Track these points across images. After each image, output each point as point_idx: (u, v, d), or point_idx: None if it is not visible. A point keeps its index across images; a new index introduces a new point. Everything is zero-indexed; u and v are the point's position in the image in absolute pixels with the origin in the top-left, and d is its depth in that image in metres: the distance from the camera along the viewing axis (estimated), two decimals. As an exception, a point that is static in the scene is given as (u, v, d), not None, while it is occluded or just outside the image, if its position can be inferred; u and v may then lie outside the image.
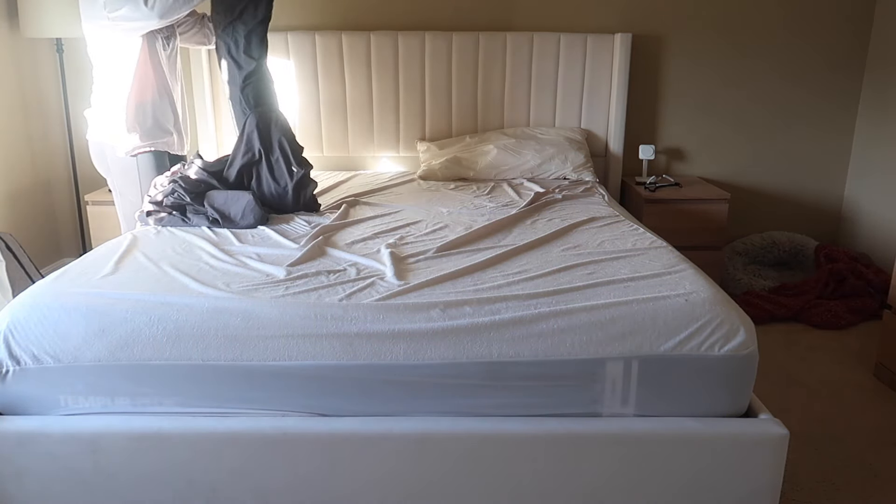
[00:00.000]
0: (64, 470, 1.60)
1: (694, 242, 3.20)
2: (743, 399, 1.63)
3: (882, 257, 3.44)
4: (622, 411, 1.61)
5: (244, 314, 1.63)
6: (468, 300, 1.67)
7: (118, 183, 2.65)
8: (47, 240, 3.57)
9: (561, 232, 2.25)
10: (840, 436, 2.25)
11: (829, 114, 3.62)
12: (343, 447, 1.57)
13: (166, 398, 1.61)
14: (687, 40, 3.51)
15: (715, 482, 1.58)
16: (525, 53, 3.38)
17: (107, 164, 2.64)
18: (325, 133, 3.47)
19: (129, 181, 2.61)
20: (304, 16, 3.43)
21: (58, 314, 1.64)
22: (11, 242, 2.80)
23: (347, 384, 1.59)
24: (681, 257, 1.96)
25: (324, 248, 2.10)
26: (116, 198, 2.70)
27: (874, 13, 3.48)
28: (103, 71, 2.53)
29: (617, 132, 3.47)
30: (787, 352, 2.86)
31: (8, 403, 1.64)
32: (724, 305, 1.64)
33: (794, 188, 3.72)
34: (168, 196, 2.38)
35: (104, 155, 2.63)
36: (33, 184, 3.46)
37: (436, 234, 2.28)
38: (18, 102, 3.35)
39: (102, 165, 2.67)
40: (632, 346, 1.58)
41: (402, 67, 3.39)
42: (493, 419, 1.59)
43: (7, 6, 3.23)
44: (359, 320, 1.61)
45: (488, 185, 3.07)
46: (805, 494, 1.96)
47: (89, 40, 2.51)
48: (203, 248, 2.10)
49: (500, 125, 3.50)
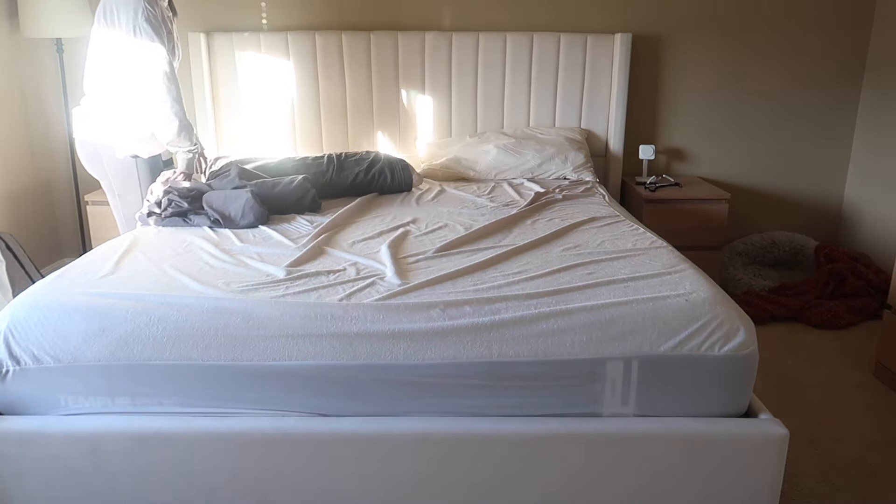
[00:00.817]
0: (64, 470, 1.60)
1: (694, 242, 3.20)
2: (743, 399, 1.63)
3: (882, 257, 3.44)
4: (622, 411, 1.61)
5: (244, 314, 1.63)
6: (468, 300, 1.67)
7: (116, 185, 2.61)
8: (47, 240, 3.57)
9: (561, 232, 2.25)
10: (840, 436, 2.25)
11: (830, 113, 3.62)
12: (343, 447, 1.57)
13: (166, 398, 1.61)
14: (687, 40, 3.51)
15: (715, 482, 1.58)
16: (525, 53, 3.38)
17: (101, 166, 2.59)
18: (325, 133, 3.47)
19: (130, 183, 2.58)
20: (304, 16, 3.43)
21: (58, 314, 1.64)
22: (11, 242, 2.80)
23: (347, 384, 1.59)
24: (681, 257, 1.96)
25: (324, 248, 2.10)
26: (114, 200, 2.66)
27: (874, 13, 3.48)
28: (108, 72, 2.50)
29: (617, 132, 3.47)
30: (787, 352, 2.86)
31: (8, 403, 1.64)
32: (724, 305, 1.64)
33: (794, 188, 3.72)
34: (167, 208, 2.37)
35: (98, 156, 2.57)
36: (33, 184, 3.46)
37: (436, 233, 2.28)
38: (18, 102, 3.35)
39: (95, 167, 2.61)
40: (632, 346, 1.58)
41: (401, 67, 3.39)
42: (493, 419, 1.59)
43: (7, 6, 3.23)
44: (359, 320, 1.61)
45: (488, 184, 3.07)
46: (805, 494, 1.95)
47: (99, 41, 2.48)
48: (203, 247, 2.10)
49: (500, 125, 3.50)
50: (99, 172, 2.63)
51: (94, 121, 2.55)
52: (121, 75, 2.48)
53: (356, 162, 2.87)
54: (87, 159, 2.62)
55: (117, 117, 2.52)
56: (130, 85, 2.48)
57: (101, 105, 2.54)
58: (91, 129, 2.56)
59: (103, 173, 2.62)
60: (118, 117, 2.52)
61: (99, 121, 2.54)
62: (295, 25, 3.43)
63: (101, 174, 2.63)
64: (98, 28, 2.47)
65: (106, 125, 2.54)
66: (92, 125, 2.56)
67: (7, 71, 3.26)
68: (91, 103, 2.56)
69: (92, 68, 2.54)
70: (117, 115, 2.52)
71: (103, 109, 2.54)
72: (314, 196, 2.61)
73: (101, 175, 2.63)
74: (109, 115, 2.53)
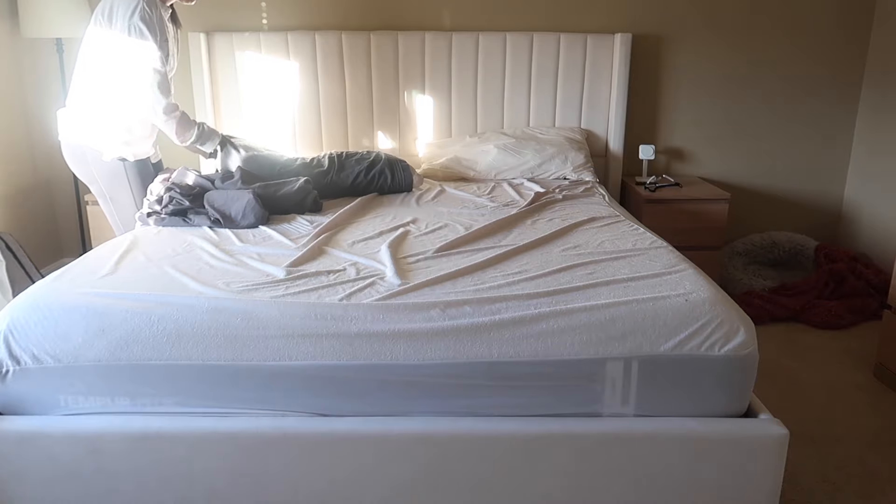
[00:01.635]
0: (64, 470, 1.60)
1: (694, 242, 3.20)
2: (743, 399, 1.63)
3: (882, 257, 3.44)
4: (622, 411, 1.61)
5: (244, 314, 1.63)
6: (468, 300, 1.67)
7: (106, 188, 2.58)
8: (47, 240, 3.57)
9: (561, 232, 2.25)
10: (840, 436, 2.25)
11: (829, 113, 3.62)
12: (343, 447, 1.57)
13: (166, 398, 1.61)
14: (687, 40, 3.51)
15: (715, 482, 1.58)
16: (525, 53, 3.38)
17: (88, 169, 2.56)
18: (325, 133, 3.47)
19: (120, 185, 2.56)
20: (304, 16, 3.43)
21: (58, 314, 1.64)
22: (11, 242, 2.80)
23: (347, 384, 1.59)
24: (681, 257, 1.96)
25: (324, 248, 2.10)
26: (106, 204, 2.63)
27: (874, 13, 3.48)
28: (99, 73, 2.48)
29: (617, 132, 3.47)
30: (787, 352, 2.86)
31: (8, 403, 1.64)
32: (724, 305, 1.64)
33: (794, 188, 3.72)
34: (167, 205, 2.37)
35: (85, 159, 2.54)
36: (33, 184, 3.46)
37: (436, 233, 2.28)
38: (18, 102, 3.35)
39: (82, 168, 2.58)
40: (632, 346, 1.58)
41: (401, 67, 3.39)
42: (493, 419, 1.59)
43: (7, 6, 3.23)
44: (359, 320, 1.61)
45: (488, 184, 3.07)
46: (805, 494, 1.96)
47: (92, 41, 2.47)
48: (203, 247, 2.10)
49: (500, 125, 3.50)
50: (87, 176, 2.59)
51: (79, 123, 2.52)
52: (111, 76, 2.47)
53: (357, 161, 2.88)
54: (74, 162, 2.58)
55: (103, 120, 2.50)
56: (120, 85, 2.47)
57: (86, 107, 2.51)
58: (76, 131, 2.53)
59: (91, 177, 2.58)
60: (104, 120, 2.50)
61: (84, 123, 2.51)
62: (295, 25, 3.43)
63: (89, 178, 2.59)
64: (93, 28, 2.46)
65: (91, 128, 2.51)
66: (77, 127, 2.53)
67: (7, 71, 3.26)
68: (77, 105, 2.53)
69: (81, 69, 2.51)
70: (103, 118, 2.50)
71: (89, 112, 2.51)
72: (315, 197, 2.61)
73: (90, 179, 2.59)
74: (95, 117, 2.50)
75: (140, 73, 2.42)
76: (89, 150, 2.52)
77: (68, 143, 2.56)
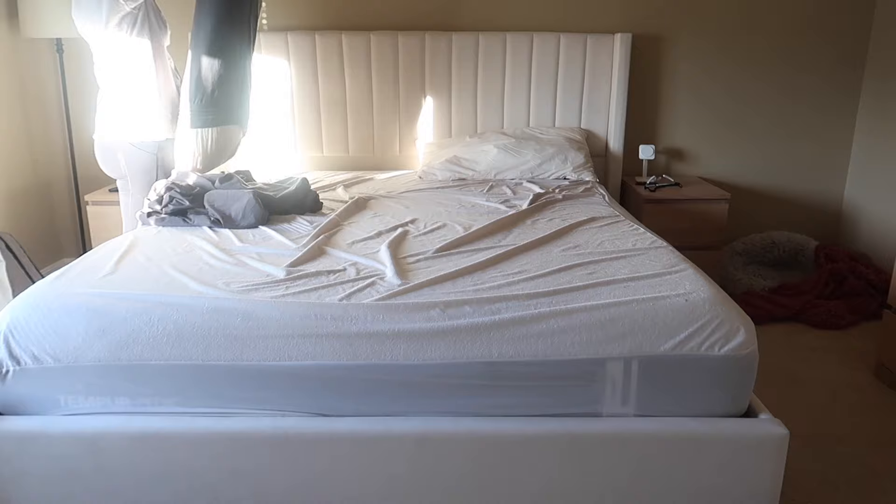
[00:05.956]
0: (64, 470, 1.60)
1: (694, 242, 3.20)
2: (743, 399, 1.63)
3: (882, 257, 3.44)
4: (622, 411, 1.61)
5: (244, 314, 1.63)
6: (468, 300, 1.67)
7: (134, 185, 2.67)
8: (47, 240, 3.57)
9: (561, 232, 2.25)
10: (840, 436, 2.25)
11: (829, 113, 3.62)
12: (343, 447, 1.57)
13: (166, 398, 1.61)
14: (687, 40, 3.51)
15: (715, 482, 1.58)
16: (525, 53, 3.38)
17: (118, 166, 2.66)
18: (325, 133, 3.47)
19: (148, 181, 2.64)
20: (304, 16, 3.43)
21: (58, 314, 1.64)
22: (11, 242, 2.80)
23: (347, 384, 1.59)
24: (681, 257, 1.96)
25: (323, 248, 2.10)
26: (125, 198, 2.72)
27: (874, 13, 3.48)
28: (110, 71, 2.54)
29: (617, 132, 3.47)
30: (787, 352, 2.86)
31: (8, 403, 1.64)
32: (724, 305, 1.64)
33: (794, 188, 3.72)
34: (167, 205, 2.38)
35: (116, 158, 2.64)
36: (33, 184, 3.46)
37: (435, 233, 2.28)
38: (18, 102, 3.35)
39: (112, 166, 2.68)
40: (632, 346, 1.58)
41: (402, 67, 3.39)
42: (493, 419, 1.59)
43: (7, 6, 3.23)
44: (359, 320, 1.61)
45: (488, 184, 3.07)
46: (805, 494, 1.96)
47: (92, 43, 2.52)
48: (203, 247, 2.10)
49: (500, 125, 3.50)
50: (114, 171, 2.70)
51: (110, 118, 2.61)
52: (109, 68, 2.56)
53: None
54: (105, 160, 2.69)
55: (125, 108, 2.59)
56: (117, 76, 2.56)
57: (109, 100, 2.60)
58: (110, 129, 2.63)
59: (120, 172, 2.68)
60: (125, 108, 2.59)
61: (114, 117, 2.60)
62: (295, 25, 3.43)
63: (117, 173, 2.70)
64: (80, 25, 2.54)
65: (121, 120, 2.59)
66: (109, 124, 2.62)
67: (7, 71, 3.26)
68: (103, 100, 2.63)
69: (96, 64, 2.61)
70: (124, 106, 2.58)
71: (112, 104, 2.59)
72: (315, 197, 2.61)
73: (119, 174, 2.70)
74: (119, 108, 2.59)
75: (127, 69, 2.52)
76: (122, 146, 2.61)
77: (104, 143, 2.66)
